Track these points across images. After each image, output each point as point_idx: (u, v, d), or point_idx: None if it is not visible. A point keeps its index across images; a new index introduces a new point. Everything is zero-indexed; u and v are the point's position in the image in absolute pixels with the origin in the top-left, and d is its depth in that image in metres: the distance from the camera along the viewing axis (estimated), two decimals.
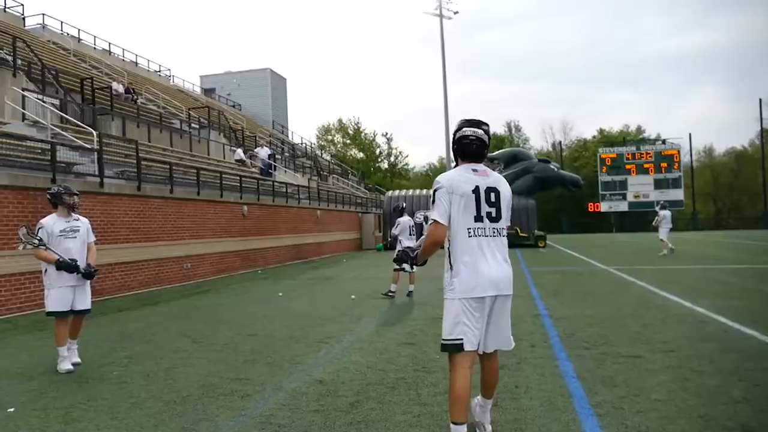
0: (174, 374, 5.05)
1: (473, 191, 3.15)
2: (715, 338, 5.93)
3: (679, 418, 3.63)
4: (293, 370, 5.07)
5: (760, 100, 53.10)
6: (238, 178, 17.80)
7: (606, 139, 60.64)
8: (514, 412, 3.86)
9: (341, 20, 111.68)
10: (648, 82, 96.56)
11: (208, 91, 43.81)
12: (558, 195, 46.91)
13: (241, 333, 6.94)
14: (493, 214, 3.21)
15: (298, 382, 4.67)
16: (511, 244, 20.20)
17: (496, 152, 36.25)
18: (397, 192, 34.36)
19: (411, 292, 9.85)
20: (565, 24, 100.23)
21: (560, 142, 63.60)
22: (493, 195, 3.21)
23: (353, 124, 68.08)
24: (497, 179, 3.30)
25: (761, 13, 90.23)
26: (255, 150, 26.83)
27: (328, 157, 49.43)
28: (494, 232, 3.22)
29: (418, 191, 33.92)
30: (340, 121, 68.68)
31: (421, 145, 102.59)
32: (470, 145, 3.25)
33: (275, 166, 26.01)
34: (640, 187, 47.94)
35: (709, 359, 5.07)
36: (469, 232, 3.17)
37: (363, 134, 67.80)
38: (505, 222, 3.29)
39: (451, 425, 3.13)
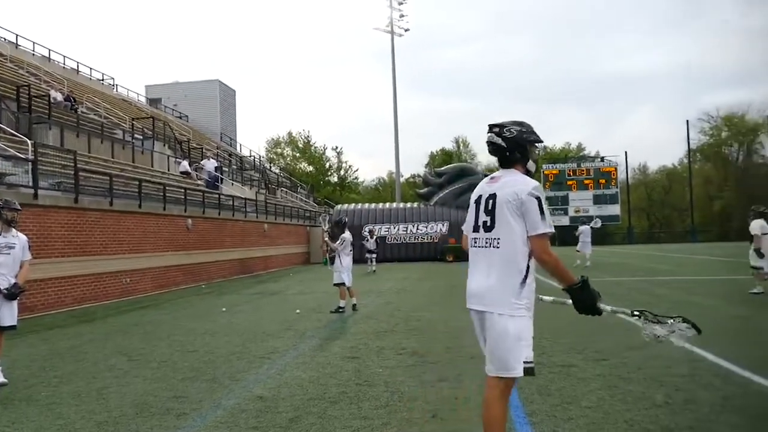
0: (107, 394, 4.88)
1: (476, 201, 3.03)
2: (642, 347, 6.22)
3: (606, 423, 3.80)
4: (233, 387, 4.99)
5: (687, 121, 56.49)
6: (183, 190, 17.41)
7: (549, 156, 62.68)
8: (453, 423, 3.94)
9: (293, 33, 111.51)
10: (590, 102, 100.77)
11: (153, 101, 42.66)
12: None
13: (180, 350, 6.77)
14: (488, 223, 2.91)
15: (237, 399, 4.61)
16: (457, 258, 20.59)
17: (444, 167, 36.88)
18: (346, 206, 34.40)
19: (355, 305, 9.87)
20: (515, 44, 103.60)
21: None
22: (491, 202, 2.91)
23: (303, 137, 67.75)
24: (504, 183, 2.91)
25: (693, 41, 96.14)
26: (201, 162, 26.29)
27: (277, 170, 48.96)
28: (487, 243, 2.91)
29: (367, 205, 34.07)
30: (290, 134, 68.22)
31: (371, 159, 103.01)
32: (489, 151, 3.06)
33: (222, 178, 25.57)
34: (581, 202, 49.79)
35: (636, 367, 5.33)
36: (471, 243, 3.05)
37: (313, 147, 67.55)
38: (501, 231, 2.86)
39: None
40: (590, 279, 3.07)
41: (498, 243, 2.87)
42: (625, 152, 58.60)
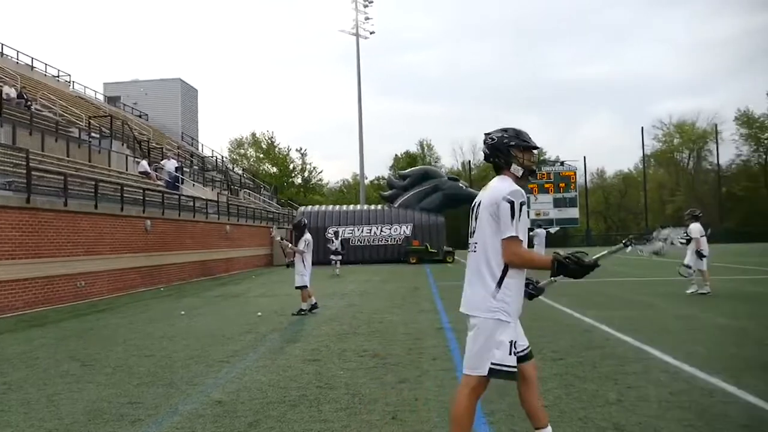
0: (58, 401, 4.72)
1: (471, 209, 3.13)
2: (598, 346, 6.41)
3: (562, 422, 3.89)
4: (191, 392, 4.90)
5: (642, 128, 58.41)
6: (142, 191, 17.00)
7: None
8: (412, 424, 3.96)
9: (257, 33, 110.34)
10: (551, 107, 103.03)
11: (111, 99, 41.48)
12: (467, 213, 48.64)
13: (136, 354, 6.61)
14: (473, 229, 3.04)
15: (195, 404, 4.53)
16: (421, 260, 20.84)
17: (408, 170, 37.06)
18: (310, 207, 34.20)
19: (311, 306, 9.79)
20: (479, 50, 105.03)
21: (469, 161, 66.18)
22: (476, 209, 3.03)
23: (267, 138, 67.13)
24: (490, 189, 3.01)
25: (648, 48, 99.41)
26: (161, 162, 25.72)
27: (240, 171, 48.29)
28: (473, 247, 3.02)
29: (331, 207, 33.95)
30: (253, 134, 67.48)
31: (336, 161, 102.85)
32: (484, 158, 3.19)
33: (182, 179, 25.08)
34: (541, 205, 50.87)
35: (591, 365, 5.47)
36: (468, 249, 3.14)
37: (277, 148, 66.97)
38: (481, 236, 2.96)
39: None
40: (559, 281, 3.18)
41: (476, 247, 2.97)
42: (584, 157, 60.21)
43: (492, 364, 2.86)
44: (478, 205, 3.02)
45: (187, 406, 4.47)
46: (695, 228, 11.19)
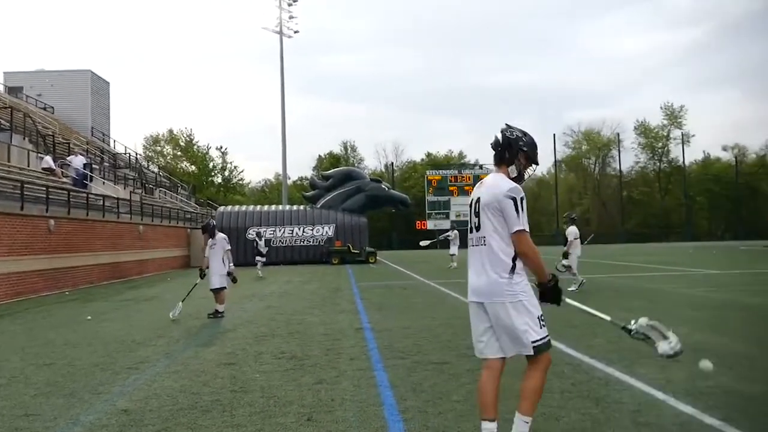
0: None
1: (470, 204, 3.38)
2: None
3: (472, 416, 4.03)
4: (94, 401, 4.65)
5: (554, 135, 61.75)
6: (45, 188, 15.89)
7: (433, 162, 65.28)
8: (327, 425, 3.96)
9: (175, 26, 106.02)
10: (472, 113, 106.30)
11: (13, 90, 38.38)
12: (390, 213, 49.23)
13: (35, 363, 6.18)
14: (477, 224, 3.27)
15: (98, 414, 4.30)
16: (343, 261, 20.84)
17: (331, 170, 37.00)
18: (230, 207, 33.28)
19: (215, 313, 9.48)
20: (403, 55, 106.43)
21: (392, 163, 67.03)
22: (477, 205, 3.28)
23: (185, 135, 64.68)
24: (488, 186, 3.27)
25: (565, 59, 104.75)
26: (68, 158, 24.13)
27: (156, 169, 46.21)
28: (479, 242, 3.25)
29: (252, 207, 33.22)
30: (170, 131, 64.79)
31: (258, 161, 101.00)
32: (491, 144, 3.37)
33: (91, 176, 23.65)
34: (461, 207, 52.29)
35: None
36: (469, 243, 3.38)
37: (196, 147, 64.69)
38: (487, 230, 3.19)
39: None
40: (459, 280, 3.33)
41: (484, 241, 3.21)
42: None
43: (532, 342, 3.15)
44: (477, 201, 3.28)
45: (90, 417, 4.24)
46: (572, 230, 12.20)
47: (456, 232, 21.70)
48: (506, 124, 3.36)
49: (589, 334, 6.92)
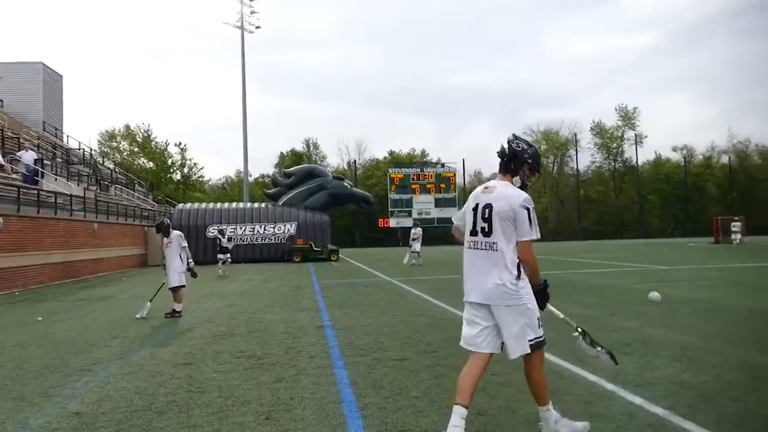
0: None
1: (473, 209, 3.48)
2: None
3: (431, 411, 4.10)
4: (44, 404, 4.51)
5: (513, 134, 62.73)
6: None
7: (395, 160, 65.56)
8: (286, 423, 3.95)
9: (132, 19, 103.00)
10: (435, 112, 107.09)
11: None
12: (352, 211, 49.18)
13: None
14: (486, 229, 3.38)
15: (48, 417, 4.17)
16: (305, 258, 20.80)
17: (293, 168, 36.71)
18: (189, 205, 32.62)
19: (173, 312, 9.28)
20: (366, 53, 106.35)
21: (355, 161, 66.96)
22: (487, 211, 3.38)
23: (143, 131, 63.09)
24: (498, 195, 3.40)
25: (525, 60, 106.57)
26: (18, 153, 23.17)
27: (112, 166, 44.87)
28: (488, 246, 3.37)
29: (212, 205, 32.65)
30: (127, 126, 63.17)
31: (219, 158, 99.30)
32: (497, 152, 3.56)
33: (43, 172, 22.80)
34: (423, 205, 52.80)
35: (463, 357, 5.78)
36: (470, 244, 3.49)
37: (154, 142, 63.18)
38: (498, 236, 3.34)
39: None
40: (439, 277, 3.48)
41: (496, 247, 3.35)
42: (463, 160, 63.50)
43: (529, 341, 3.35)
44: (487, 207, 3.39)
45: (39, 420, 4.11)
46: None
47: (420, 229, 21.79)
48: (513, 135, 3.57)
49: (546, 330, 7.08)
